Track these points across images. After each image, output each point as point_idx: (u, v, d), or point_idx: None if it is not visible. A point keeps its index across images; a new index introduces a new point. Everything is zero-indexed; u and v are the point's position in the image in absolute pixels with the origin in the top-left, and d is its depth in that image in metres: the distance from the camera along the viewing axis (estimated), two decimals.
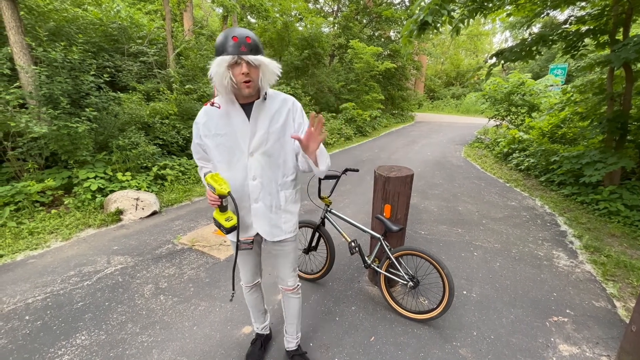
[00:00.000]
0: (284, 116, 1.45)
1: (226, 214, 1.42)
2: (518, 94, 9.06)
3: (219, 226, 1.43)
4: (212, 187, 1.34)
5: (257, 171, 1.45)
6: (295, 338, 1.93)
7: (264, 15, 11.48)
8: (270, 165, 1.47)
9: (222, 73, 1.24)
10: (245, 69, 1.25)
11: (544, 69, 18.48)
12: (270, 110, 1.43)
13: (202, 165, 1.59)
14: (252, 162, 1.44)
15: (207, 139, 1.44)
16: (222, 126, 1.41)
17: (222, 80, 1.26)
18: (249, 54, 1.24)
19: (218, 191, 1.33)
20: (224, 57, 1.22)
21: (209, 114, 1.43)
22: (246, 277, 1.78)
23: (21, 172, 4.16)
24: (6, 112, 3.85)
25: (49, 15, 5.59)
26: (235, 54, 1.22)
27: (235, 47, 1.22)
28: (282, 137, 1.46)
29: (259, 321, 1.97)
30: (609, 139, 4.73)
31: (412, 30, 4.09)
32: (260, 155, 1.43)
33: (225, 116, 1.41)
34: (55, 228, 3.65)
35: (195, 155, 1.57)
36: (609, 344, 2.11)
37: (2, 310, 2.35)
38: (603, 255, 3.20)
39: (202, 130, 1.44)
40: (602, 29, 4.53)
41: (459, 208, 4.52)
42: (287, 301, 1.84)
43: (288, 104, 1.47)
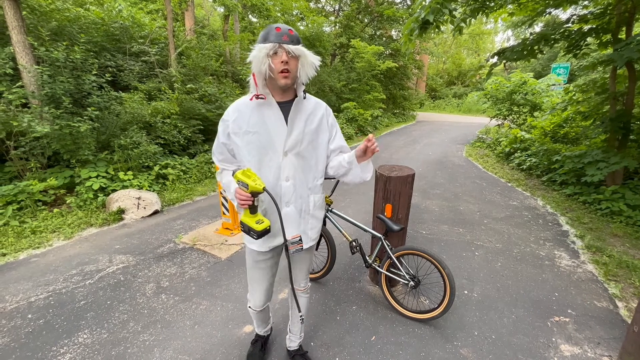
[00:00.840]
0: (319, 118, 1.45)
1: (256, 216, 1.30)
2: (520, 93, 9.03)
3: (248, 231, 1.29)
4: (244, 183, 1.22)
5: (290, 172, 1.41)
6: (299, 338, 1.92)
7: (265, 15, 11.47)
8: (303, 167, 1.44)
9: (261, 59, 1.23)
10: (285, 57, 1.23)
11: (546, 68, 18.42)
12: (306, 111, 1.42)
13: (224, 168, 1.50)
14: (285, 162, 1.39)
15: (237, 137, 1.37)
16: (254, 123, 1.36)
17: (260, 66, 1.24)
18: (290, 44, 1.24)
19: (252, 188, 1.22)
20: (265, 44, 1.22)
21: (240, 110, 1.37)
22: (259, 299, 1.66)
23: (24, 172, 4.18)
24: (9, 112, 3.87)
25: (51, 14, 5.61)
26: (277, 42, 1.22)
27: (278, 36, 1.23)
28: (316, 139, 1.45)
29: (261, 327, 1.93)
30: (612, 138, 4.71)
31: (413, 29, 4.08)
32: (294, 155, 1.40)
33: (258, 113, 1.36)
34: (57, 227, 3.67)
35: (219, 156, 1.48)
36: (611, 344, 2.10)
37: (5, 309, 2.37)
38: (605, 256, 3.19)
39: (231, 128, 1.37)
40: (604, 28, 4.50)
41: (461, 208, 4.51)
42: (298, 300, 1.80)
43: (322, 107, 1.48)
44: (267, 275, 1.61)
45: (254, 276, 1.61)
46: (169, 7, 6.84)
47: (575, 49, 4.82)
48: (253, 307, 1.70)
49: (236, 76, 9.28)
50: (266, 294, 1.66)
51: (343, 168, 1.47)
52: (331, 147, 1.51)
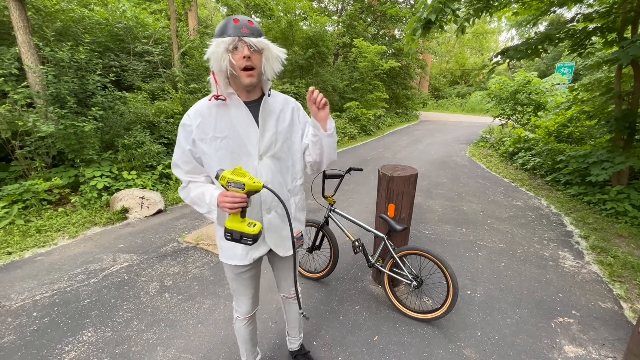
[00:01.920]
0: (289, 115, 1.35)
1: (246, 220, 1.16)
2: (524, 92, 8.97)
3: (238, 239, 1.13)
4: (239, 184, 1.08)
5: (268, 176, 1.30)
6: (299, 339, 1.92)
7: (268, 14, 11.49)
8: (281, 170, 1.35)
9: (220, 54, 1.11)
10: (246, 51, 1.11)
11: (550, 68, 18.29)
12: (275, 110, 1.32)
13: (191, 180, 1.31)
14: (262, 166, 1.29)
15: (204, 143, 1.23)
16: (222, 127, 1.23)
17: (220, 63, 1.12)
18: (251, 37, 1.12)
19: (250, 187, 1.07)
20: (224, 38, 1.10)
21: (203, 113, 1.23)
22: (246, 307, 1.56)
23: (29, 171, 4.21)
24: (14, 112, 3.90)
25: (56, 15, 5.65)
26: (236, 35, 1.10)
27: (236, 28, 1.10)
28: (290, 138, 1.36)
29: (251, 356, 1.74)
30: (617, 138, 4.67)
31: (415, 29, 4.06)
32: (269, 158, 1.30)
33: (225, 116, 1.24)
34: (62, 226, 3.70)
35: (184, 167, 1.29)
36: (616, 345, 2.09)
37: (11, 307, 2.39)
38: (610, 256, 3.16)
39: (196, 134, 1.22)
40: (610, 26, 4.47)
41: (464, 208, 4.49)
42: (289, 307, 1.78)
43: (291, 103, 1.38)
44: (252, 284, 1.52)
45: (238, 288, 1.51)
46: (172, 7, 6.87)
47: (580, 48, 4.78)
48: (242, 315, 1.58)
49: None
50: (253, 300, 1.57)
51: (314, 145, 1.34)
52: (305, 141, 1.40)
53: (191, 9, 9.46)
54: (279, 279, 1.67)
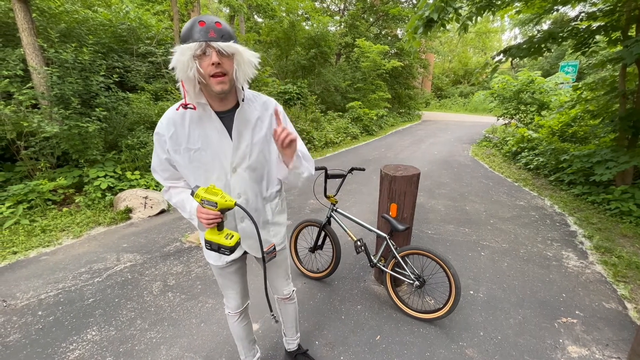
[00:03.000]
0: (267, 124, 1.27)
1: (224, 232, 1.19)
2: (527, 92, 8.93)
3: (217, 249, 1.18)
4: (212, 202, 1.10)
5: (241, 188, 1.27)
6: (296, 339, 1.91)
7: (271, 15, 11.51)
8: (255, 179, 1.30)
9: (185, 62, 1.01)
10: (215, 58, 1.01)
11: (554, 67, 18.18)
12: (251, 118, 1.23)
13: (172, 185, 1.30)
14: (235, 178, 1.25)
15: (177, 154, 1.19)
16: (196, 139, 1.18)
17: (187, 72, 1.03)
18: (219, 41, 1.01)
19: (221, 205, 1.10)
20: (189, 44, 0.99)
21: (176, 123, 1.17)
22: (235, 301, 1.56)
23: (34, 171, 4.25)
24: (19, 112, 3.94)
25: (60, 17, 5.69)
26: (203, 40, 0.99)
27: (203, 32, 0.99)
28: (266, 148, 1.28)
29: (249, 354, 1.76)
30: (621, 137, 4.63)
31: (417, 27, 4.05)
32: (243, 170, 1.25)
33: (198, 127, 1.17)
34: (66, 226, 3.73)
35: (162, 174, 1.27)
36: (620, 346, 2.08)
37: (16, 306, 2.42)
38: (614, 256, 3.14)
39: (169, 144, 1.18)
40: (614, 25, 4.43)
41: (467, 207, 4.48)
42: (284, 308, 1.77)
43: (270, 109, 1.28)
44: (238, 280, 1.52)
45: (224, 284, 1.52)
46: (175, 8, 6.90)
47: (584, 47, 4.75)
48: (232, 310, 1.58)
49: None
50: (242, 294, 1.57)
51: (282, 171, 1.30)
52: None
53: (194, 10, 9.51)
54: (273, 280, 1.66)
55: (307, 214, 4.18)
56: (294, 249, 2.83)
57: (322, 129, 9.49)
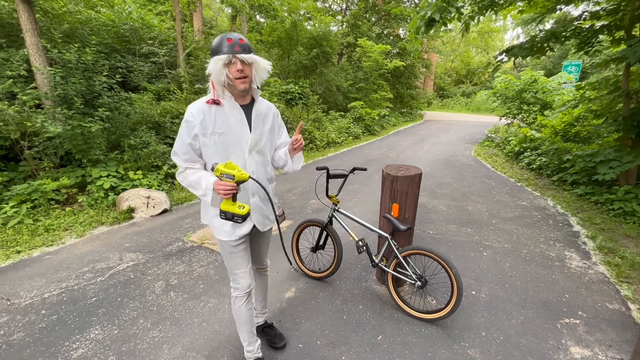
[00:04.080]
0: (271, 119, 1.65)
1: (237, 203, 1.42)
2: (530, 91, 8.89)
3: (231, 217, 1.39)
4: (229, 175, 1.34)
5: (253, 167, 1.58)
6: (264, 313, 2.10)
7: (273, 15, 11.52)
8: (263, 162, 1.64)
9: (218, 70, 1.37)
10: (239, 66, 1.37)
11: (557, 66, 18.09)
12: (262, 113, 1.60)
13: (188, 167, 1.51)
14: (250, 159, 1.56)
15: (205, 137, 1.47)
16: (220, 124, 1.47)
17: (219, 77, 1.38)
18: (243, 53, 1.37)
19: (238, 177, 1.34)
20: (220, 56, 1.35)
21: (204, 112, 1.45)
22: (245, 280, 1.67)
23: (37, 171, 4.28)
24: (23, 112, 3.97)
25: (64, 17, 5.73)
26: (230, 53, 1.35)
27: (230, 47, 1.36)
28: (271, 138, 1.67)
29: (252, 341, 1.82)
30: (625, 137, 4.61)
31: (419, 27, 4.05)
32: (256, 153, 1.59)
33: (222, 115, 1.48)
34: (69, 225, 3.75)
35: (183, 156, 1.49)
36: (623, 347, 2.07)
37: (20, 305, 2.43)
38: (617, 257, 3.13)
39: (198, 129, 1.45)
40: (617, 24, 4.41)
41: (469, 207, 4.47)
42: (260, 278, 1.99)
43: (272, 109, 1.68)
44: (246, 257, 1.69)
45: (236, 262, 1.66)
46: (177, 9, 6.92)
47: (587, 46, 4.72)
48: (241, 290, 1.67)
49: None
50: (250, 273, 1.71)
51: (282, 160, 1.69)
52: (278, 142, 1.74)
53: (196, 10, 9.53)
54: (256, 253, 1.87)
55: (308, 214, 4.19)
56: (295, 248, 2.84)
57: (323, 129, 9.49)
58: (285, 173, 1.74)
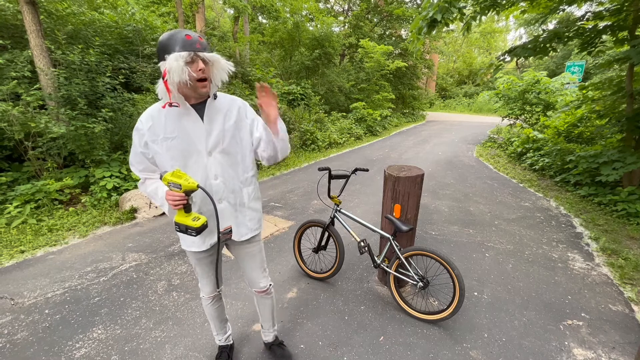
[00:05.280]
0: (235, 113, 1.46)
1: (191, 215, 1.29)
2: (533, 92, 8.85)
3: (184, 230, 1.27)
4: (176, 184, 1.22)
5: (218, 170, 1.43)
6: (273, 332, 1.97)
7: (275, 16, 11.55)
8: (231, 163, 1.47)
9: (180, 67, 1.20)
10: (201, 65, 1.25)
11: (560, 67, 18.01)
12: (222, 109, 1.43)
13: (146, 177, 1.46)
14: (211, 161, 1.42)
15: (155, 144, 1.36)
16: (172, 129, 1.35)
17: (182, 75, 1.22)
18: (204, 51, 1.26)
19: (185, 187, 1.21)
20: (181, 52, 1.20)
21: (154, 117, 1.35)
22: (208, 287, 1.70)
23: (41, 171, 4.31)
24: (27, 113, 3.99)
25: (67, 18, 5.76)
26: (192, 51, 1.22)
27: (191, 44, 1.22)
28: (238, 134, 1.47)
29: (221, 332, 1.90)
30: (629, 138, 4.58)
31: (421, 27, 4.05)
32: (218, 154, 1.43)
33: (174, 118, 1.35)
34: (73, 225, 3.77)
35: (138, 166, 1.44)
36: (626, 349, 2.05)
37: (23, 304, 2.45)
38: (621, 258, 3.11)
39: (147, 137, 1.36)
40: (621, 25, 4.38)
41: (471, 208, 4.45)
42: (261, 302, 1.83)
43: (237, 102, 1.49)
44: (210, 268, 1.65)
45: (201, 272, 1.65)
46: (180, 10, 6.95)
47: (590, 47, 4.70)
48: (206, 294, 1.72)
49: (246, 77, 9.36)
50: (213, 281, 1.70)
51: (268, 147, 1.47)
52: (256, 135, 1.51)
53: (199, 12, 9.57)
54: (245, 271, 1.73)
55: (310, 215, 4.19)
56: (297, 249, 2.84)
57: (325, 130, 9.49)
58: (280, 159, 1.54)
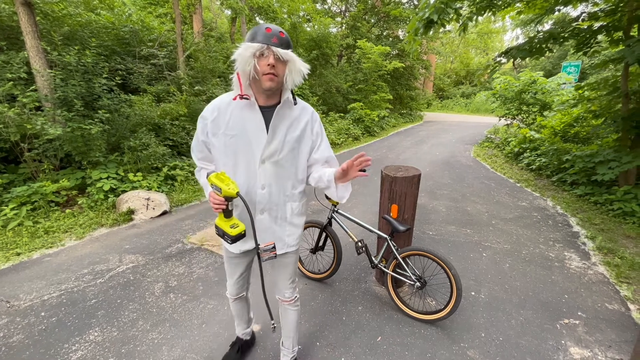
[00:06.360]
0: (302, 125, 1.38)
1: (231, 221, 1.26)
2: (529, 92, 8.90)
3: (222, 235, 1.26)
4: (217, 187, 1.18)
5: (266, 180, 1.35)
6: (292, 352, 1.83)
7: (272, 17, 11.55)
8: (281, 176, 1.38)
9: (246, 58, 1.16)
10: (272, 60, 1.16)
11: (556, 67, 18.12)
12: (289, 117, 1.35)
13: (202, 167, 1.46)
14: (262, 170, 1.34)
15: (215, 137, 1.32)
16: (234, 126, 1.30)
17: (245, 66, 1.17)
18: (279, 47, 1.17)
19: (225, 192, 1.17)
20: (252, 43, 1.15)
21: (220, 109, 1.31)
22: (231, 288, 1.69)
23: (37, 173, 4.28)
24: (23, 115, 3.97)
25: (64, 20, 5.74)
26: (265, 44, 1.15)
27: (267, 37, 1.15)
28: (297, 148, 1.38)
29: (241, 326, 1.92)
30: (624, 137, 4.61)
31: (417, 28, 4.07)
32: (271, 164, 1.34)
33: (239, 115, 1.30)
34: (69, 227, 3.75)
35: (197, 154, 1.43)
36: (622, 347, 2.06)
37: (19, 307, 2.43)
38: (617, 257, 3.13)
39: (210, 127, 1.32)
40: (616, 25, 4.42)
41: (468, 208, 4.47)
42: (285, 312, 1.74)
43: (308, 113, 1.40)
44: (239, 271, 1.62)
45: (227, 270, 1.65)
46: (177, 11, 6.94)
47: (586, 47, 4.73)
48: (229, 295, 1.73)
49: None
50: (238, 285, 1.68)
51: (323, 183, 1.40)
52: (315, 156, 1.44)
53: (196, 12, 9.56)
54: (274, 279, 1.68)
55: (308, 215, 4.17)
56: None
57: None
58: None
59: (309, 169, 1.47)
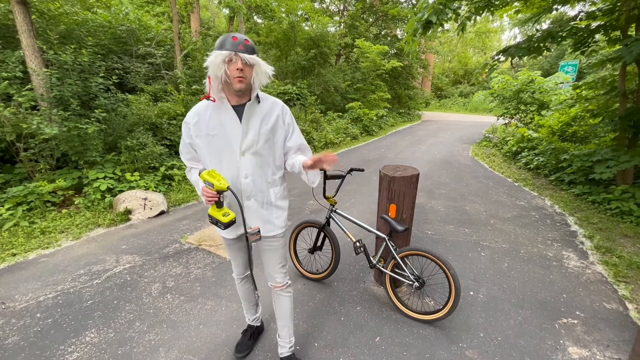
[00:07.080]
0: (274, 118, 1.53)
1: (222, 210, 1.45)
2: (527, 91, 8.92)
3: (215, 222, 1.45)
4: (209, 183, 1.36)
5: (248, 170, 1.52)
6: (289, 343, 1.86)
7: (270, 16, 11.52)
8: (261, 164, 1.54)
9: (217, 64, 1.32)
10: (240, 65, 1.32)
11: (554, 66, 18.16)
12: (261, 112, 1.50)
13: (192, 166, 1.62)
14: (243, 161, 1.50)
15: (199, 139, 1.48)
16: (213, 127, 1.46)
17: (217, 72, 1.33)
18: (245, 53, 1.33)
19: (217, 187, 1.36)
20: (222, 51, 1.31)
21: (200, 114, 1.47)
22: (237, 268, 1.85)
23: (33, 173, 4.25)
24: (19, 114, 3.94)
25: (60, 18, 5.70)
26: (233, 50, 1.31)
27: (234, 45, 1.32)
28: (272, 138, 1.54)
29: (250, 312, 2.04)
30: (622, 137, 4.62)
31: (416, 29, 4.06)
32: (251, 155, 1.50)
33: (216, 117, 1.46)
34: (66, 227, 3.72)
35: (186, 155, 1.60)
36: (621, 346, 2.07)
37: (15, 308, 2.41)
38: (615, 256, 3.13)
39: (192, 131, 1.48)
40: (613, 24, 4.42)
41: (466, 208, 4.47)
42: (277, 300, 1.81)
43: (278, 106, 1.56)
44: (240, 254, 1.78)
45: (230, 255, 1.80)
46: (174, 10, 6.90)
47: (583, 46, 4.74)
48: (236, 275, 1.87)
49: None
50: (243, 266, 1.84)
51: (295, 169, 1.59)
52: (288, 144, 1.61)
53: (193, 11, 9.52)
54: (264, 264, 1.78)
55: (306, 215, 4.18)
56: (293, 250, 2.83)
57: (321, 130, 9.48)
58: None
59: (285, 156, 1.65)
